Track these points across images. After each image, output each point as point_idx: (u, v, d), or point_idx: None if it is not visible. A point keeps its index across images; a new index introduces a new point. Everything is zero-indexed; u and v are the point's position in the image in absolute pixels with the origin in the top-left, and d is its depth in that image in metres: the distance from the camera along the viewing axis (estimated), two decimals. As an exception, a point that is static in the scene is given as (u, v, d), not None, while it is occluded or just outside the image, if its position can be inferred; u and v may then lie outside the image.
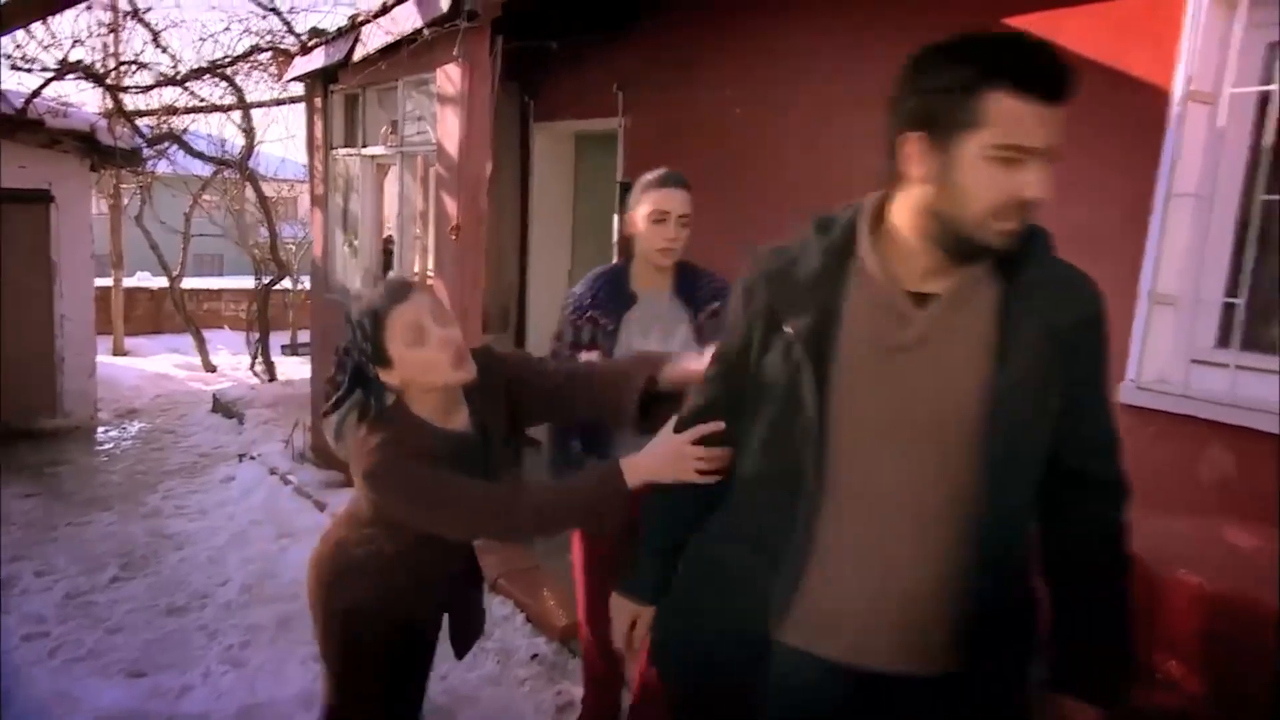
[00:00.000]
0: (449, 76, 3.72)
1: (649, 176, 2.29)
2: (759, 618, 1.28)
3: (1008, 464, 1.20)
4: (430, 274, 4.32)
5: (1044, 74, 1.10)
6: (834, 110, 3.65)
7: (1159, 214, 2.67)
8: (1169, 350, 2.74)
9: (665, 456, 1.47)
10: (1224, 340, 2.68)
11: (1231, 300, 2.60)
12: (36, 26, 5.94)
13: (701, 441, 1.43)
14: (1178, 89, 2.62)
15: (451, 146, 3.73)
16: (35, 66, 5.97)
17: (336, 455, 1.69)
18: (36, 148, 6.04)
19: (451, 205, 3.76)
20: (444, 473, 1.57)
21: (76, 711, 2.69)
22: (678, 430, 1.48)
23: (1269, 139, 2.46)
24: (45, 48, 6.07)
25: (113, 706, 2.72)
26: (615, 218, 4.81)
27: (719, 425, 1.40)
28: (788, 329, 1.25)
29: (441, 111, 3.80)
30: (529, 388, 1.81)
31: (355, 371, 1.62)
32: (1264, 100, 2.49)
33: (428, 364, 1.59)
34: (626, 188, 4.66)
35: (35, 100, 5.95)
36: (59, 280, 6.29)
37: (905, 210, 1.21)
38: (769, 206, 3.88)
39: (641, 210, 2.24)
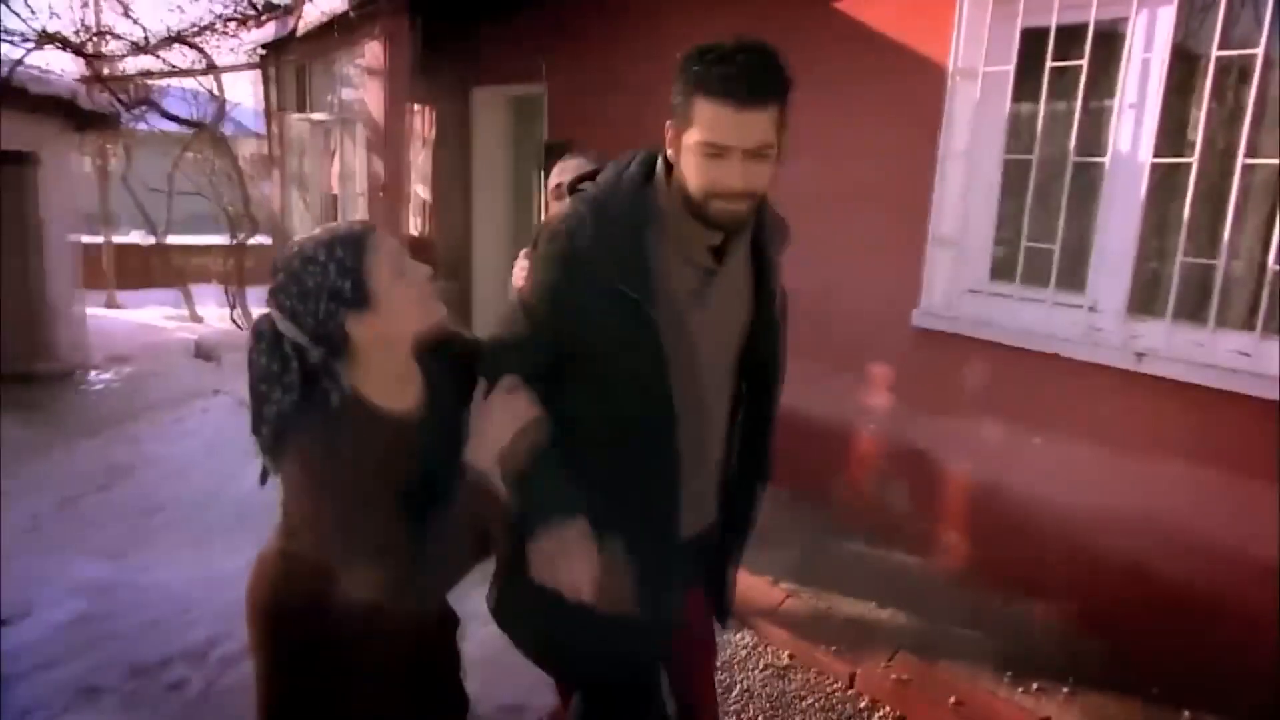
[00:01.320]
0: (373, 52, 4.27)
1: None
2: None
3: (774, 380, 1.58)
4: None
5: (731, 84, 1.26)
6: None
7: (939, 171, 3.25)
8: (949, 282, 3.32)
9: (491, 421, 1.40)
10: (995, 274, 3.27)
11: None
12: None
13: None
14: (950, 66, 3.17)
15: (377, 114, 4.28)
16: (16, 38, 6.43)
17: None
18: (21, 113, 6.54)
19: (379, 167, 4.33)
20: (382, 510, 1.32)
21: (65, 580, 3.34)
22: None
23: (1009, 109, 3.04)
24: (23, 20, 6.52)
25: (94, 578, 3.37)
26: (541, 175, 5.36)
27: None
28: (633, 295, 1.36)
29: (368, 84, 4.34)
30: (468, 354, 1.65)
31: (303, 365, 1.33)
32: (1018, 76, 3.04)
33: (413, 300, 1.35)
34: (550, 148, 5.22)
35: (17, 69, 6.44)
36: (45, 236, 6.85)
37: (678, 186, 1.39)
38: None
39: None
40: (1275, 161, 2.50)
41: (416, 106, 5.22)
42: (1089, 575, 2.92)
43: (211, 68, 7.52)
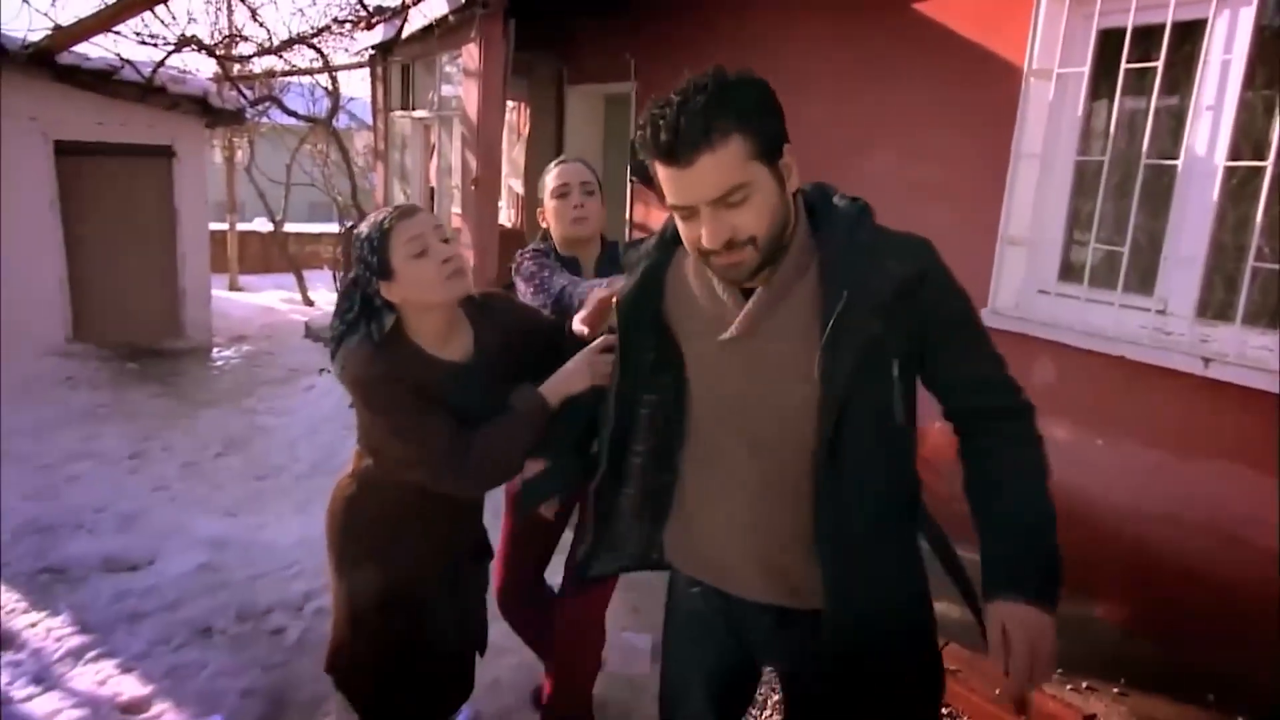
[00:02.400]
0: (470, 54, 4.52)
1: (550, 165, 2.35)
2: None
3: (843, 437, 1.25)
4: (458, 214, 5.18)
5: (662, 144, 1.17)
6: (811, 80, 4.25)
7: (1011, 171, 3.26)
8: (1019, 282, 3.33)
9: (578, 370, 1.67)
10: (1064, 275, 3.27)
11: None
12: (159, 8, 6.97)
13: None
14: (1026, 67, 3.18)
15: (473, 112, 4.54)
16: (159, 41, 7.01)
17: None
18: (161, 110, 7.15)
19: (473, 161, 4.59)
20: (422, 405, 1.63)
21: (189, 534, 3.73)
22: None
23: (1083, 111, 3.03)
24: (165, 25, 7.10)
25: (214, 533, 3.75)
26: (628, 170, 5.54)
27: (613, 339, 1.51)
28: (666, 327, 1.39)
29: (465, 83, 4.61)
30: (543, 339, 1.90)
31: (362, 299, 1.70)
32: (1093, 78, 3.04)
33: (426, 278, 1.64)
34: (635, 145, 5.40)
35: (159, 70, 7.03)
36: (180, 223, 7.46)
37: None
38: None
39: (545, 191, 2.27)
40: (1355, 166, 2.45)
41: (511, 104, 5.50)
42: (1149, 578, 2.91)
43: (327, 66, 8.00)
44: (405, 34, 5.04)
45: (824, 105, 4.02)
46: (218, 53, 7.62)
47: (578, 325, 1.70)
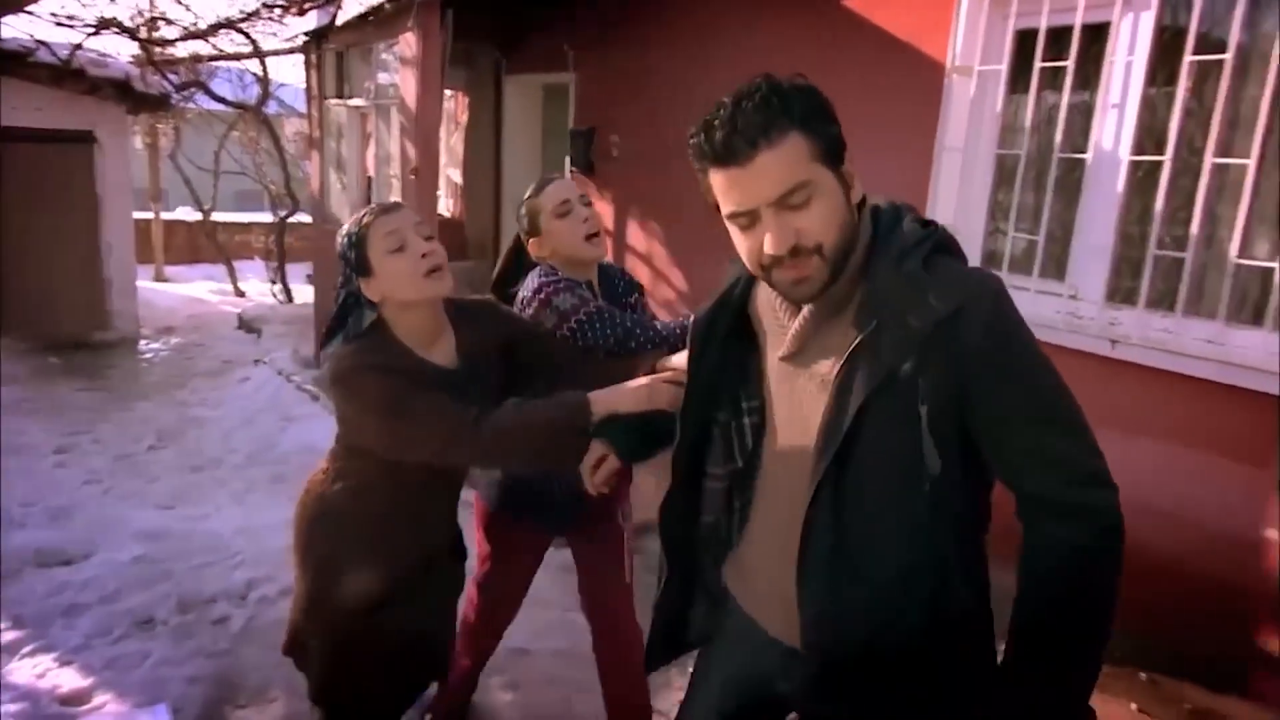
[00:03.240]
0: (407, 42, 4.51)
1: (529, 190, 2.11)
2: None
3: (847, 478, 1.16)
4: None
5: (720, 145, 1.12)
6: (745, 73, 4.38)
7: (936, 164, 3.42)
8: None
9: (636, 389, 1.57)
10: (986, 263, 3.44)
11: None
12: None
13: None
14: (948, 64, 3.34)
15: (411, 101, 4.53)
16: (77, 23, 6.77)
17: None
18: (80, 94, 6.91)
19: (412, 151, 4.59)
20: (409, 385, 1.59)
21: (124, 527, 3.67)
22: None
23: (1002, 107, 3.20)
24: (84, 5, 6.87)
25: (150, 526, 3.70)
26: (568, 160, 5.59)
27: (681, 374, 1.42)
28: (739, 350, 1.31)
29: (403, 72, 4.59)
30: (533, 354, 1.87)
31: (345, 297, 1.69)
32: (1011, 75, 3.21)
33: (404, 274, 1.62)
34: (576, 134, 5.45)
35: (77, 52, 6.80)
36: (103, 212, 7.23)
37: None
38: (687, 147, 4.64)
39: (544, 213, 2.02)
40: (1244, 161, 2.65)
41: (449, 93, 5.48)
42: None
43: (257, 52, 7.83)
44: (340, 21, 4.99)
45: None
46: (139, 36, 7.41)
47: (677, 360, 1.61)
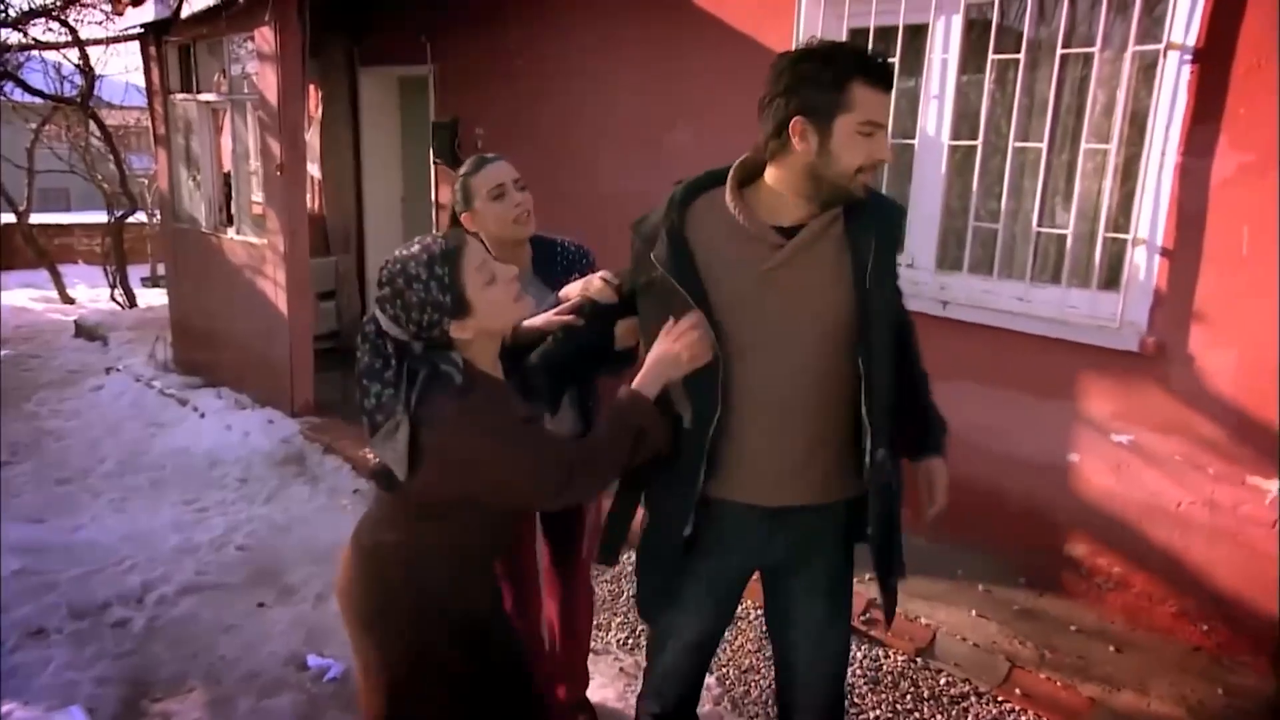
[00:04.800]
0: (264, 36, 4.46)
1: (465, 166, 2.18)
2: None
3: (876, 350, 1.57)
4: (259, 203, 5.08)
5: (883, 71, 1.50)
6: (598, 58, 4.57)
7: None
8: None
9: (666, 351, 1.55)
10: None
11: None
12: None
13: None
14: (792, 59, 3.69)
15: (271, 96, 4.49)
16: None
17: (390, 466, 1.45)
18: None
19: (276, 146, 4.54)
20: (533, 429, 1.55)
21: (-9, 544, 3.52)
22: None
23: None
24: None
25: (24, 539, 3.55)
26: (431, 152, 5.63)
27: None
28: (659, 265, 1.57)
29: (261, 67, 4.54)
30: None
31: (421, 349, 1.49)
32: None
33: (500, 304, 1.51)
34: (438, 126, 5.51)
35: None
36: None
37: (784, 171, 1.55)
38: (554, 137, 4.81)
39: (479, 195, 2.12)
40: (1039, 145, 3.13)
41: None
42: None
43: (78, 42, 7.36)
44: (186, 14, 4.82)
45: (624, 84, 4.38)
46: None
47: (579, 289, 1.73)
